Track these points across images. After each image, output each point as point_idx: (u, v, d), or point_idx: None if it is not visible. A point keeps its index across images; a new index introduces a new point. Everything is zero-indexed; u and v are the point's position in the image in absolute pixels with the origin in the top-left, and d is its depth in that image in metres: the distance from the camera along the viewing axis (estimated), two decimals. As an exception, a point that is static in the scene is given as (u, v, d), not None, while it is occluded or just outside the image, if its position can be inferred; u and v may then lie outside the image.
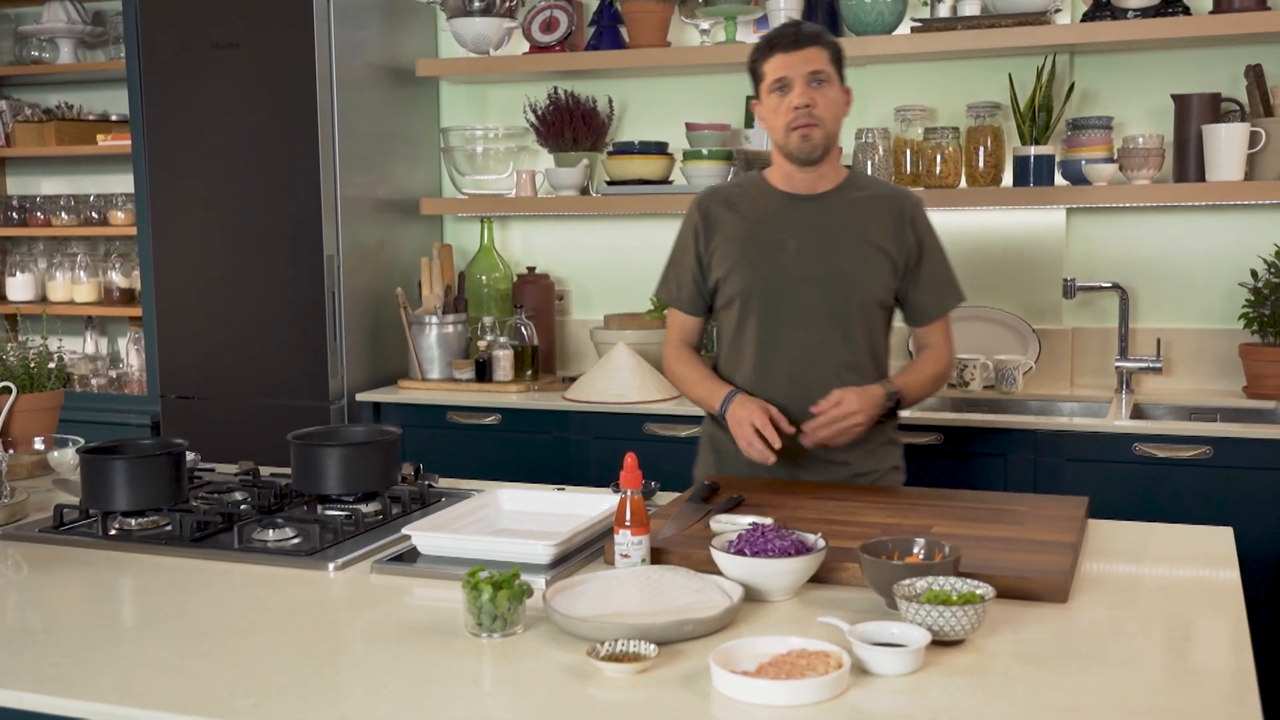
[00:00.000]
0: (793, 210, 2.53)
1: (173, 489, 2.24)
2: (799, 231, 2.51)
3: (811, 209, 2.52)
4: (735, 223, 2.57)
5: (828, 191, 2.54)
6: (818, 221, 2.51)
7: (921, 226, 2.55)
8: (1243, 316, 3.49)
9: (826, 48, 2.45)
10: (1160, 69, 3.62)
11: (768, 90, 2.48)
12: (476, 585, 1.65)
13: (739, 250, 2.55)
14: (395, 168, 4.12)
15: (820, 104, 2.43)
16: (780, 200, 2.55)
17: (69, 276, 4.59)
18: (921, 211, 2.56)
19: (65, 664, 1.61)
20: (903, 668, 1.51)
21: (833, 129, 2.48)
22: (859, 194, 2.54)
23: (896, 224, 2.52)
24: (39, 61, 4.67)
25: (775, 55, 2.45)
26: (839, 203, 2.53)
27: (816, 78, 2.43)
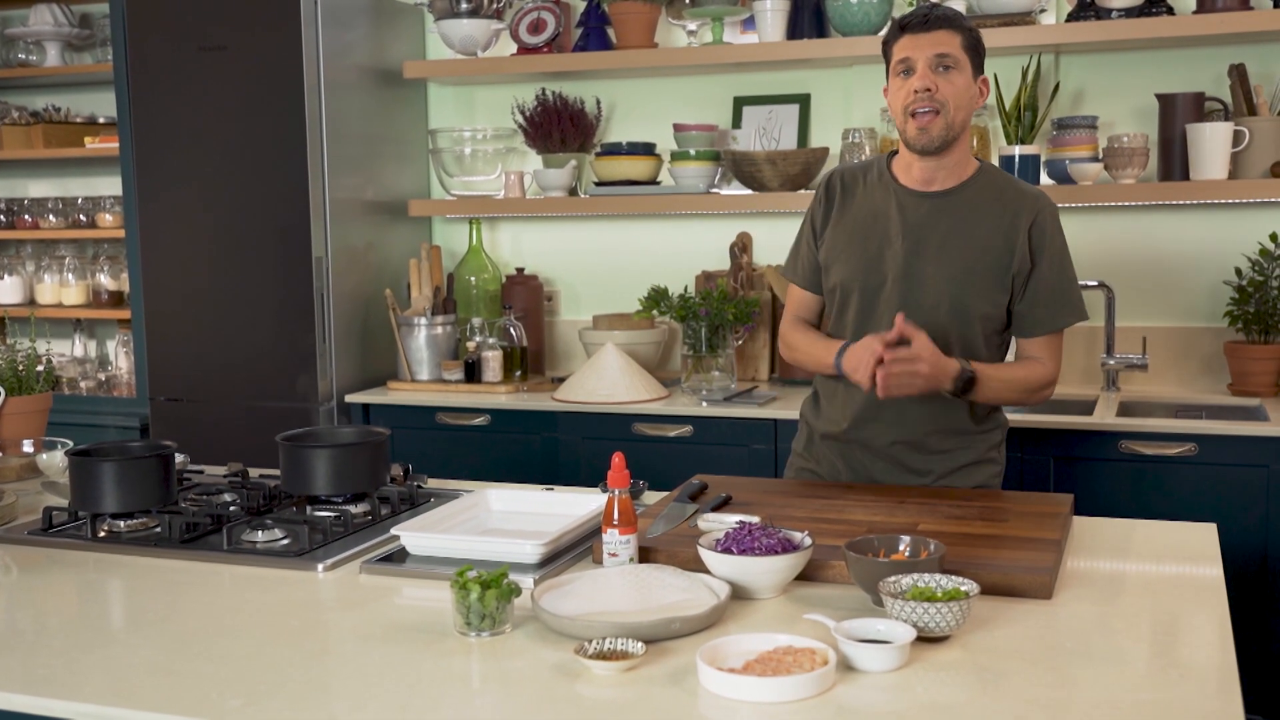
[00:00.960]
0: (906, 206, 2.40)
1: (162, 491, 2.24)
2: (906, 229, 2.39)
3: (926, 207, 2.39)
4: (850, 209, 2.46)
5: (948, 189, 2.39)
6: (928, 221, 2.38)
7: (1041, 234, 2.37)
8: (1227, 314, 3.51)
9: (960, 33, 2.31)
10: (1145, 69, 3.64)
11: (893, 72, 2.35)
12: (465, 585, 1.66)
13: (846, 239, 2.45)
14: (383, 169, 4.12)
15: (944, 89, 2.29)
16: (895, 193, 2.42)
17: (57, 279, 4.59)
18: (1046, 218, 2.38)
19: (55, 665, 1.61)
20: (888, 664, 1.52)
21: (956, 118, 2.31)
22: (980, 195, 2.39)
23: (1012, 230, 2.36)
24: (26, 64, 4.67)
25: (904, 36, 2.32)
26: (955, 203, 2.39)
27: (943, 62, 2.29)
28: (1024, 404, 2.47)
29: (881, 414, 2.44)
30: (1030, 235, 2.37)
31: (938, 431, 2.44)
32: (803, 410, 2.65)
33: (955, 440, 2.45)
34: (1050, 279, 2.39)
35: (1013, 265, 2.36)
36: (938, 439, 2.44)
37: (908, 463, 2.46)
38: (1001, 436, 2.54)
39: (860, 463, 2.50)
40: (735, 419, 3.43)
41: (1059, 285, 2.40)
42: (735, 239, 3.90)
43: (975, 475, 2.47)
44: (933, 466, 2.46)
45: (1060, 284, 2.40)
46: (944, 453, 2.45)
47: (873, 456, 2.48)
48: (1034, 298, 2.39)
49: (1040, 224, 2.38)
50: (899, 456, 2.46)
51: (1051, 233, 2.39)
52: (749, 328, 3.79)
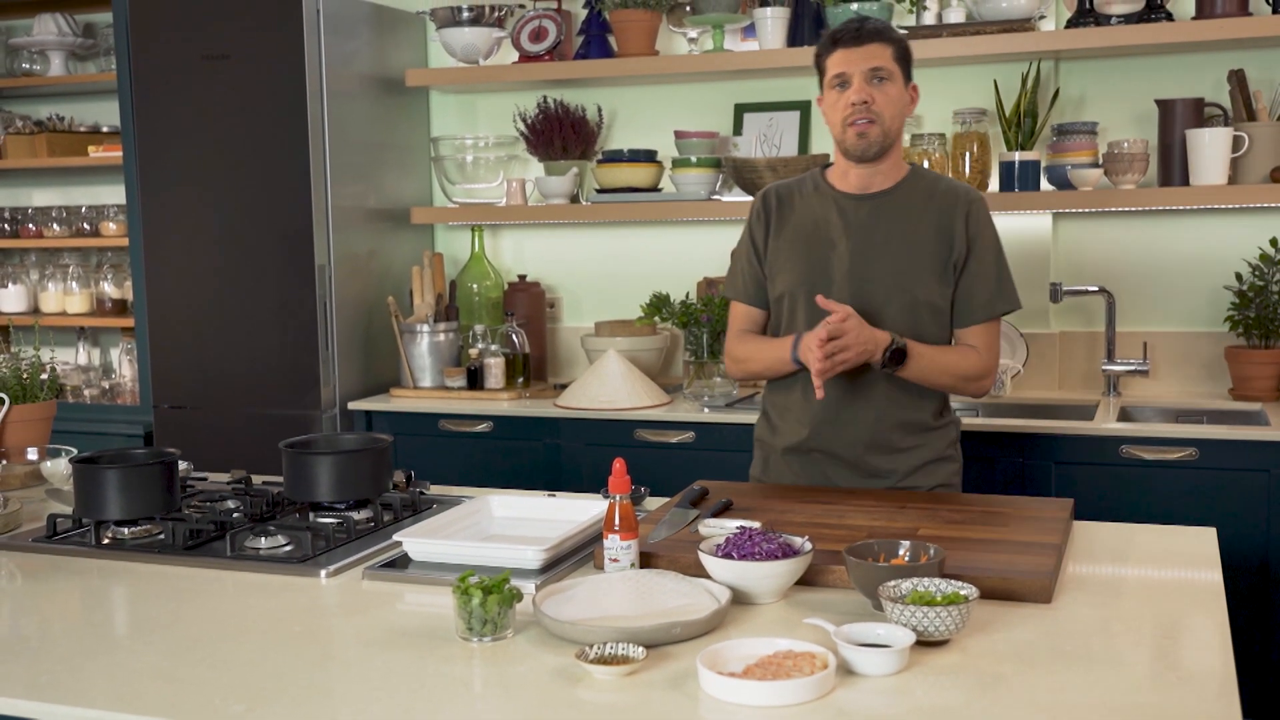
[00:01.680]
0: (846, 210, 2.49)
1: (165, 498, 2.25)
2: (849, 232, 2.47)
3: (865, 209, 2.48)
4: (790, 220, 2.54)
5: (884, 191, 2.49)
6: (869, 222, 2.47)
7: (975, 224, 2.48)
8: (1228, 319, 3.52)
9: (891, 45, 2.41)
10: (1144, 74, 3.65)
11: (828, 86, 2.44)
12: (467, 590, 1.67)
13: (789, 248, 2.52)
14: (386, 177, 4.13)
15: (879, 101, 2.39)
16: (834, 199, 2.51)
17: (61, 287, 4.60)
18: (979, 209, 2.49)
19: (59, 671, 1.62)
20: (888, 668, 1.53)
21: (892, 127, 2.42)
22: (915, 193, 2.49)
23: (948, 222, 2.46)
24: (30, 74, 4.69)
25: (837, 50, 2.41)
26: (893, 203, 2.48)
27: (877, 74, 2.39)
28: (958, 392, 2.51)
29: (841, 415, 2.49)
30: (966, 226, 2.47)
31: (899, 427, 2.49)
32: (756, 434, 2.69)
33: (916, 437, 2.51)
34: (984, 268, 2.48)
35: (952, 256, 2.46)
36: (899, 435, 2.49)
37: (871, 464, 2.50)
38: (957, 434, 2.60)
39: (822, 472, 2.54)
40: (736, 425, 3.44)
41: (993, 274, 2.49)
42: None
43: (936, 474, 2.53)
44: (895, 466, 2.50)
45: (995, 273, 2.49)
46: (906, 450, 2.50)
47: (835, 463, 2.52)
48: (969, 286, 2.48)
49: (974, 215, 2.48)
50: (863, 459, 2.50)
51: (984, 224, 2.50)
52: (750, 334, 3.79)
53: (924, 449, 2.52)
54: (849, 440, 2.50)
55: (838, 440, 2.51)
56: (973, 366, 2.48)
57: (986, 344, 2.50)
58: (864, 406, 2.48)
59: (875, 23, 2.43)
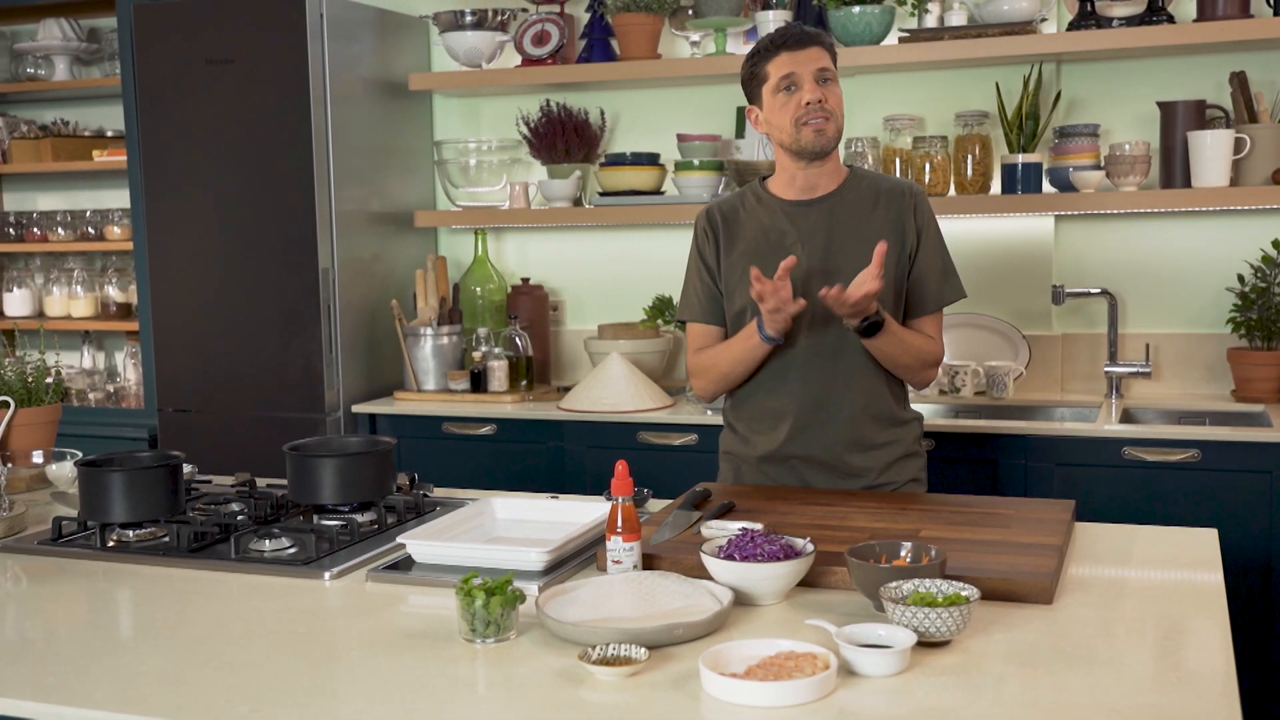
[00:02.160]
0: (795, 217, 2.52)
1: (170, 500, 2.26)
2: (802, 237, 2.50)
3: (814, 213, 2.51)
4: (739, 235, 2.56)
5: (829, 194, 2.52)
6: (820, 225, 2.50)
7: (923, 217, 2.53)
8: (1230, 321, 3.52)
9: (827, 49, 2.47)
10: (1146, 77, 3.66)
11: (774, 90, 2.45)
12: (470, 592, 1.67)
13: (744, 261, 2.52)
14: (389, 181, 4.15)
15: (830, 99, 2.44)
16: (782, 208, 2.54)
17: (66, 291, 4.62)
18: (924, 202, 2.54)
19: (65, 673, 1.63)
20: (889, 668, 1.53)
21: (842, 125, 2.48)
22: (860, 192, 2.53)
23: (899, 216, 2.50)
24: (35, 78, 4.70)
25: (781, 54, 2.44)
26: (840, 204, 2.52)
27: (824, 75, 2.44)
28: (913, 377, 2.54)
29: (816, 418, 2.51)
30: (915, 218, 2.52)
31: (874, 420, 2.52)
32: (723, 448, 2.68)
33: (889, 431, 2.54)
34: (933, 258, 2.54)
35: (905, 249, 2.51)
36: (875, 429, 2.52)
37: (849, 464, 2.52)
38: (920, 429, 2.64)
39: (799, 476, 2.56)
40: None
41: (942, 264, 2.56)
42: (739, 248, 3.92)
43: (907, 469, 2.57)
44: (871, 463, 2.52)
45: (943, 263, 2.56)
46: (881, 446, 2.53)
47: (812, 467, 2.54)
48: (920, 278, 2.53)
49: (920, 208, 2.53)
50: (841, 459, 2.52)
51: (929, 216, 2.55)
52: (753, 336, 3.80)
53: (896, 445, 2.55)
54: (828, 441, 2.51)
55: (816, 442, 2.52)
56: (931, 353, 2.54)
57: (939, 333, 2.58)
58: (841, 403, 2.50)
59: (812, 28, 2.50)
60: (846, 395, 2.50)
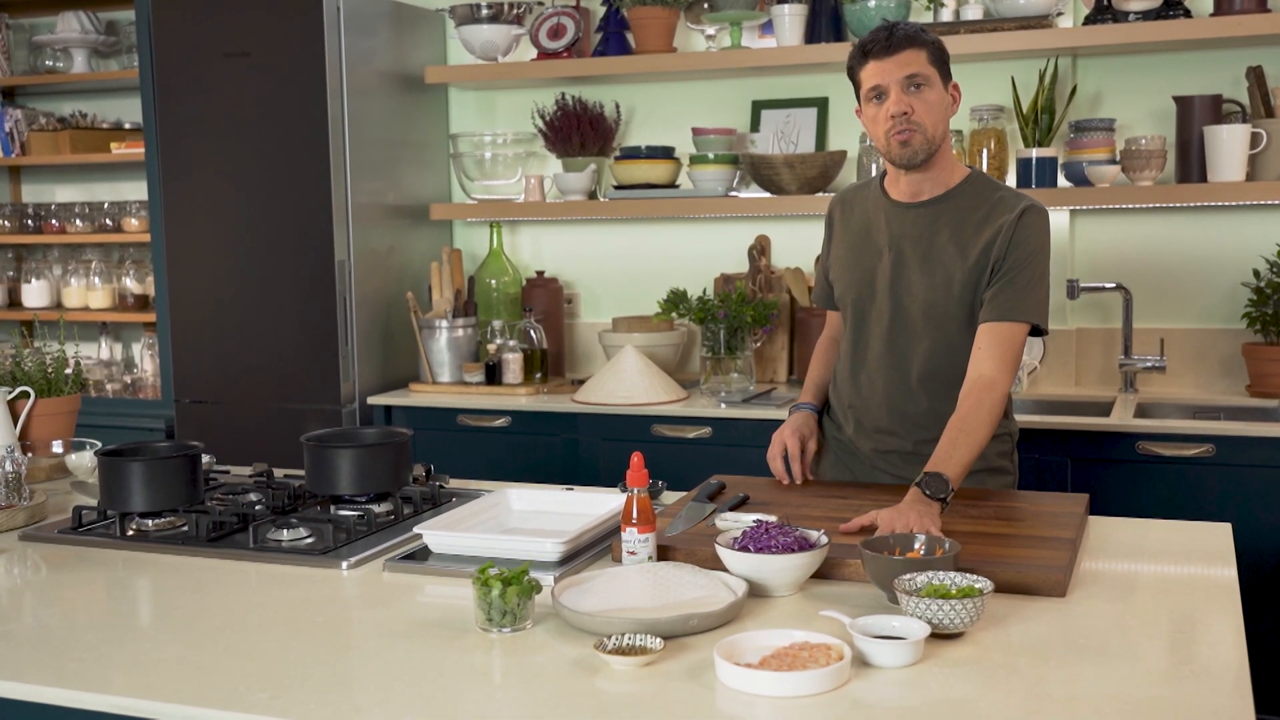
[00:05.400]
0: (893, 218, 2.43)
1: (189, 490, 2.27)
2: (894, 241, 2.42)
3: (911, 218, 2.41)
4: (849, 226, 2.53)
5: (932, 199, 2.40)
6: (913, 231, 2.40)
7: (1022, 233, 2.32)
8: (1245, 316, 3.52)
9: (924, 48, 2.30)
10: (1162, 71, 3.65)
11: (865, 99, 2.36)
12: (486, 581, 1.69)
13: (845, 254, 2.52)
14: (405, 174, 4.16)
15: (919, 109, 2.30)
16: (884, 207, 2.45)
17: (84, 283, 4.64)
18: (1030, 220, 2.33)
19: (86, 659, 1.65)
20: (902, 660, 1.54)
21: (934, 133, 2.32)
22: (965, 201, 2.39)
23: (994, 233, 2.33)
24: (53, 71, 4.73)
25: (869, 62, 2.32)
26: (939, 213, 2.39)
27: (913, 82, 2.29)
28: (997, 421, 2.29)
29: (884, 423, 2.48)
30: (1010, 236, 2.32)
31: (928, 440, 2.36)
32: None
33: None
34: (1011, 275, 2.32)
35: (990, 262, 2.34)
36: (933, 445, 2.31)
37: (899, 471, 2.47)
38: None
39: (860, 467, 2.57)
40: (753, 420, 3.46)
41: (1017, 283, 2.32)
42: (754, 242, 3.93)
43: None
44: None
45: (1019, 282, 2.32)
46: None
47: (860, 463, 2.55)
48: (992, 287, 2.34)
49: (1023, 225, 2.33)
50: (888, 467, 2.49)
51: (1030, 234, 2.34)
52: (767, 330, 3.81)
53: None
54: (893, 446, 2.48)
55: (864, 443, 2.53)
56: (987, 401, 2.26)
57: (993, 347, 2.31)
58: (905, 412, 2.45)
59: (906, 28, 2.32)
60: (910, 405, 2.44)
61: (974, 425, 2.23)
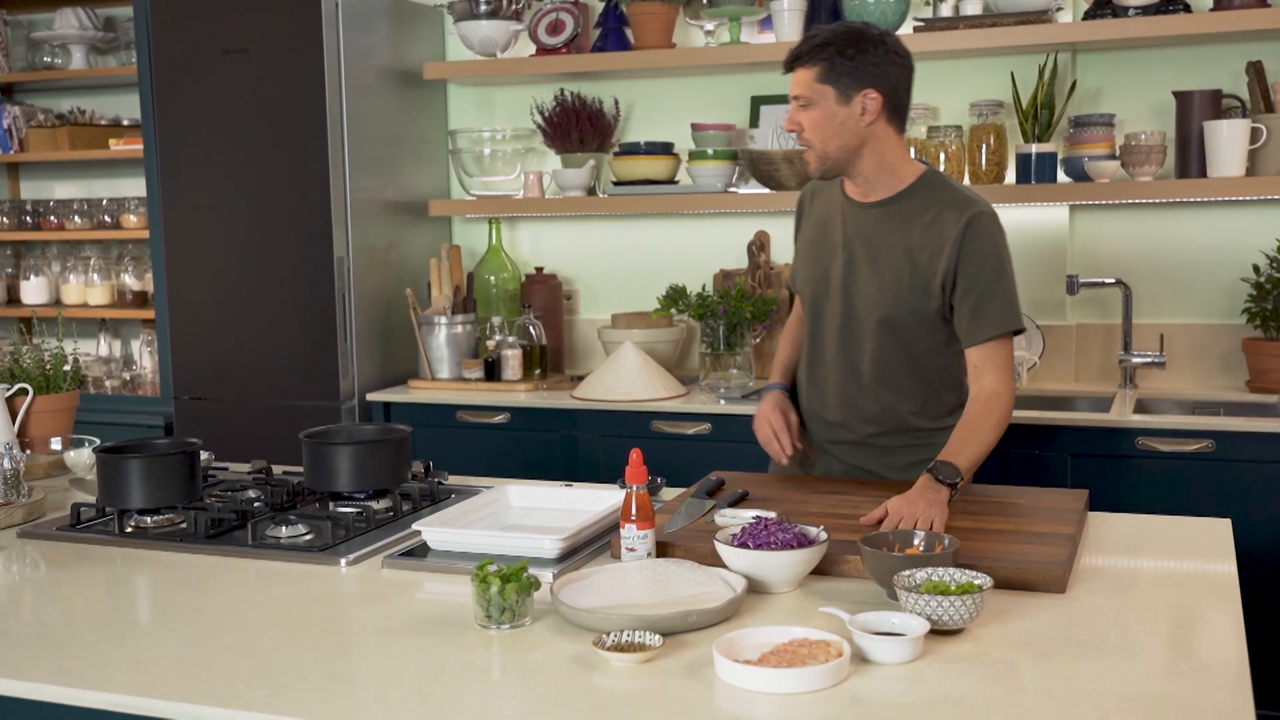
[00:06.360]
0: (849, 216, 2.46)
1: (187, 487, 2.27)
2: (848, 240, 2.45)
3: (864, 218, 2.43)
4: (813, 218, 2.57)
5: (883, 201, 2.42)
6: (865, 232, 2.43)
7: (970, 243, 2.32)
8: (1245, 311, 3.51)
9: (815, 65, 2.32)
10: (1162, 66, 3.64)
11: None
12: (485, 578, 1.68)
13: (806, 247, 2.56)
14: (404, 170, 4.16)
15: (806, 127, 2.35)
16: (842, 205, 2.48)
17: (82, 279, 4.64)
18: (977, 226, 2.33)
19: (85, 657, 1.65)
20: (902, 656, 1.54)
21: (826, 149, 2.35)
22: (914, 203, 2.39)
23: (940, 237, 2.34)
24: (51, 67, 4.72)
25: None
26: (889, 214, 2.41)
27: (799, 102, 2.35)
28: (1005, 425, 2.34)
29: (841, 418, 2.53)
30: (961, 243, 2.32)
31: (879, 434, 2.50)
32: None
33: (905, 438, 2.49)
34: (975, 289, 2.33)
35: (939, 272, 2.34)
36: (886, 438, 2.49)
37: (850, 459, 2.54)
38: None
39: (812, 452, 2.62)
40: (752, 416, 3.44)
41: (983, 296, 2.33)
42: (753, 238, 3.92)
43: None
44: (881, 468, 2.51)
45: (985, 294, 2.33)
46: (895, 450, 2.50)
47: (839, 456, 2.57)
48: (962, 308, 2.35)
49: (971, 232, 2.33)
50: (840, 454, 2.54)
51: (980, 240, 2.34)
52: (767, 326, 3.80)
53: (922, 448, 2.46)
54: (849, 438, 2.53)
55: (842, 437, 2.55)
56: (987, 406, 2.32)
57: (989, 364, 2.35)
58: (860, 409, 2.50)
59: (803, 45, 2.35)
60: (861, 402, 2.48)
61: (983, 427, 2.30)
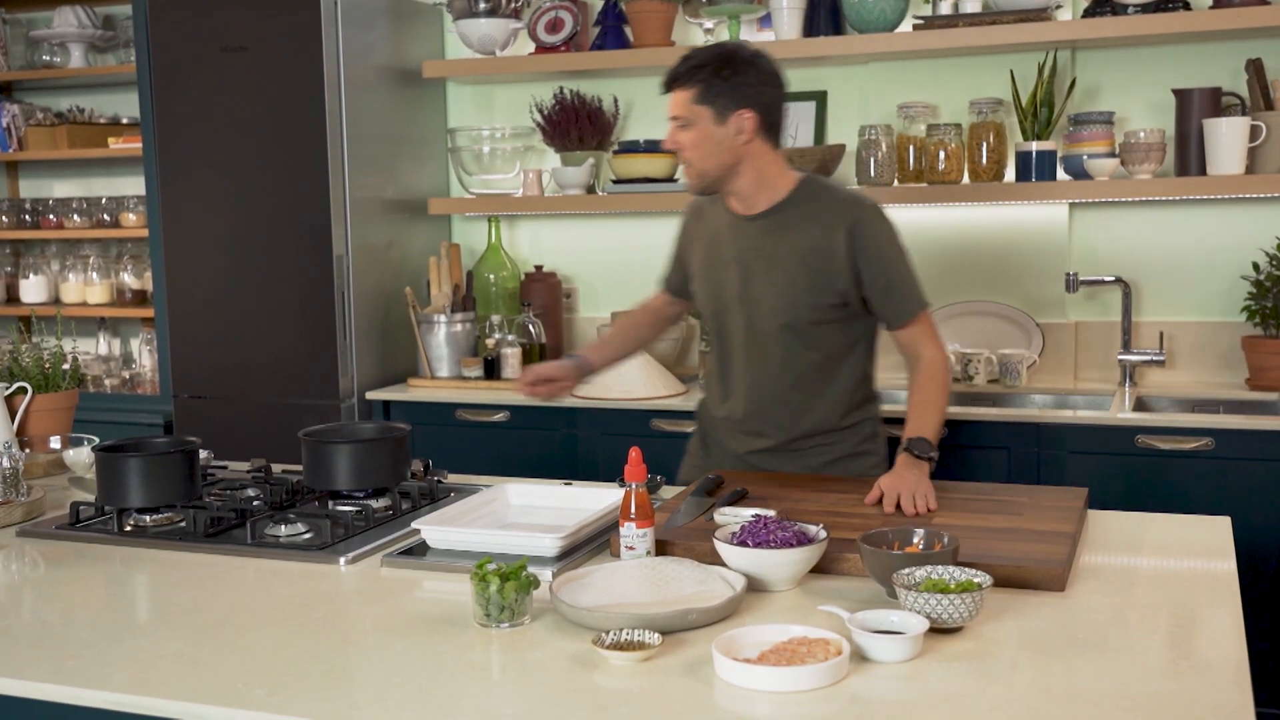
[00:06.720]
0: (736, 231, 2.53)
1: (187, 486, 2.27)
2: (736, 254, 2.53)
3: (751, 230, 2.51)
4: (703, 237, 2.62)
5: (767, 211, 2.49)
6: (754, 243, 2.50)
7: (866, 236, 2.44)
8: (1245, 309, 3.51)
9: (690, 87, 2.41)
10: (1161, 64, 3.64)
11: None
12: (484, 577, 1.68)
13: (700, 268, 2.62)
14: (403, 168, 4.15)
15: (685, 146, 2.44)
16: (727, 220, 2.55)
17: (82, 278, 4.64)
18: (869, 219, 2.46)
19: (84, 656, 1.65)
20: (901, 654, 1.54)
21: (705, 167, 2.44)
22: (797, 210, 2.48)
23: (829, 237, 2.44)
24: (50, 66, 4.72)
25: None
26: (774, 222, 2.49)
27: (677, 123, 2.43)
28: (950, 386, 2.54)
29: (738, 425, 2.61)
30: (851, 239, 2.44)
31: (797, 438, 2.58)
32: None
33: (819, 440, 2.58)
34: (885, 276, 2.46)
35: (835, 269, 2.45)
36: (801, 441, 2.58)
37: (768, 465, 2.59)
38: (873, 429, 2.65)
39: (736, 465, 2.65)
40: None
41: (895, 281, 2.47)
42: (752, 236, 3.92)
43: (850, 469, 2.59)
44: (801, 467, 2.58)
45: (896, 279, 2.47)
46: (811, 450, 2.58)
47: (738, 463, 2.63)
48: (877, 296, 2.47)
49: (863, 227, 2.45)
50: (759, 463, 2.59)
51: (878, 231, 2.46)
52: (766, 324, 3.80)
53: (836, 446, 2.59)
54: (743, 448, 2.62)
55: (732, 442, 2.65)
56: (933, 372, 2.49)
57: (923, 338, 2.50)
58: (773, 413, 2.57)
59: (680, 67, 2.43)
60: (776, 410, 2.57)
61: (935, 395, 2.48)
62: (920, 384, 2.49)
